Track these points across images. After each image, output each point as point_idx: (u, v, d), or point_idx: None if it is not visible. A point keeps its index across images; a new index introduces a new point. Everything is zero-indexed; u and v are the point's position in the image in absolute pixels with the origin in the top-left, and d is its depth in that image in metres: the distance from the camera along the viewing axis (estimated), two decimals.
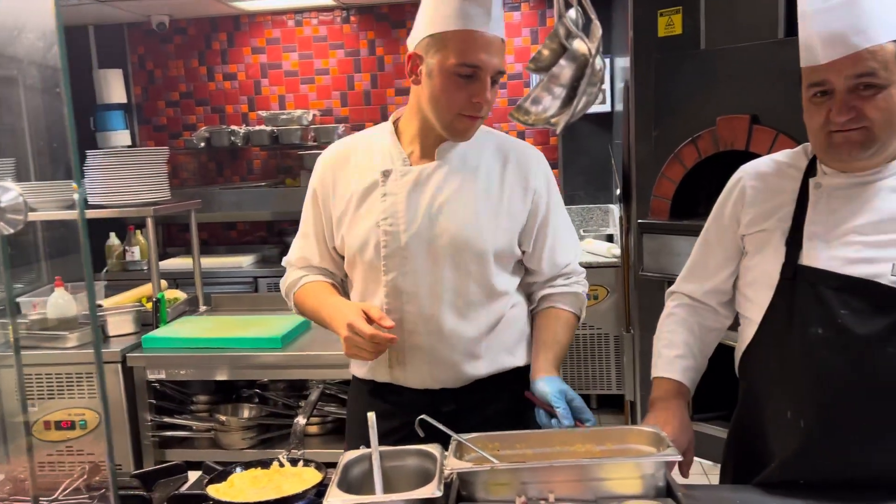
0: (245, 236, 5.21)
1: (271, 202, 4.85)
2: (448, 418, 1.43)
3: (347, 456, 1.36)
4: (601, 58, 1.26)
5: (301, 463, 1.45)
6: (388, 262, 1.58)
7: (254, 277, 4.51)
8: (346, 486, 1.27)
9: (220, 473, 1.43)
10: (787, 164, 1.49)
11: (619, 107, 4.56)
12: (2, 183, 1.14)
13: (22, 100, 2.64)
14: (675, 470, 1.44)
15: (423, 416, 1.40)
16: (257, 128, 4.82)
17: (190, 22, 5.02)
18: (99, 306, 3.06)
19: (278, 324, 2.91)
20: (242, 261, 4.60)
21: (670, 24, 3.44)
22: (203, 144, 4.85)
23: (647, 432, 1.37)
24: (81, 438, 2.77)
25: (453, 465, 1.27)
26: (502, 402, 1.64)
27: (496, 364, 1.64)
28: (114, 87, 4.83)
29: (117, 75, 4.87)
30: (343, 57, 4.96)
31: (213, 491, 1.36)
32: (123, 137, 4.88)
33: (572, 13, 1.26)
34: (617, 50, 4.45)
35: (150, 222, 3.16)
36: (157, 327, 3.01)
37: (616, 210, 4.01)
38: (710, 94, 3.26)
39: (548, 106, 1.28)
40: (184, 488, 1.56)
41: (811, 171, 1.44)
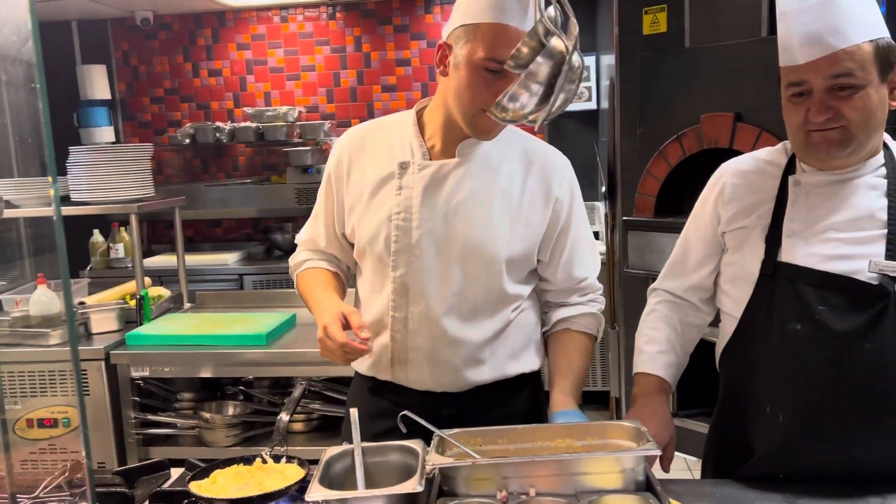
0: (230, 233, 5.18)
1: (257, 199, 4.83)
2: (448, 423, 1.41)
3: (330, 452, 1.36)
4: (579, 55, 1.26)
5: (284, 459, 1.45)
6: (397, 257, 1.53)
7: (239, 275, 4.49)
8: (328, 481, 1.27)
9: (203, 470, 1.43)
10: (767, 161, 1.50)
11: (604, 104, 4.58)
12: None
13: (3, 95, 2.61)
14: (657, 465, 1.45)
15: (405, 412, 1.41)
16: (243, 124, 4.80)
17: (174, 17, 4.99)
18: (82, 303, 3.04)
19: (263, 321, 2.90)
20: (228, 258, 4.58)
21: (655, 22, 3.46)
22: (188, 141, 4.82)
23: (627, 427, 1.38)
24: (64, 436, 2.75)
25: (435, 460, 1.28)
26: (505, 408, 1.59)
27: (500, 370, 1.59)
28: (97, 83, 4.78)
29: (101, 71, 4.82)
30: (329, 53, 4.95)
31: (196, 487, 1.36)
32: (107, 134, 4.84)
33: (551, 11, 1.26)
34: (602, 48, 4.46)
35: (133, 219, 3.14)
36: (141, 325, 3.00)
37: (601, 207, 4.03)
38: (694, 91, 3.28)
39: (525, 103, 1.28)
40: (166, 485, 1.55)
41: (791, 168, 1.46)
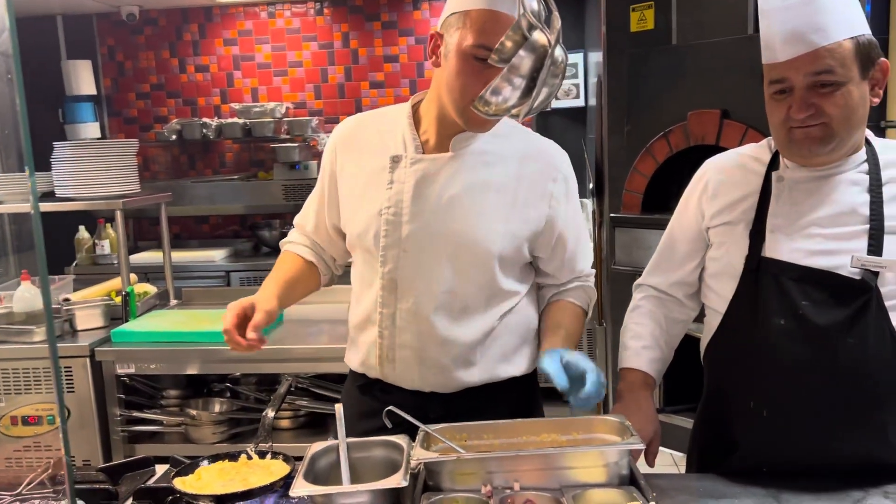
0: (217, 230, 5.16)
1: (244, 196, 4.81)
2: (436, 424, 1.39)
3: (315, 447, 1.36)
4: (562, 49, 1.27)
5: (269, 456, 1.45)
6: (385, 253, 1.50)
7: (226, 271, 4.47)
8: (312, 477, 1.27)
9: (188, 466, 1.42)
10: (750, 157, 1.51)
11: (592, 101, 4.59)
12: None
13: None
14: (642, 459, 1.46)
15: (389, 408, 1.40)
16: (230, 120, 4.77)
17: (161, 13, 4.96)
18: (67, 300, 3.02)
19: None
20: (215, 255, 4.56)
21: (642, 18, 3.47)
22: (174, 137, 4.79)
23: (612, 422, 1.38)
24: (49, 433, 2.73)
25: (420, 455, 1.28)
26: (496, 412, 1.49)
27: (491, 372, 1.55)
28: (83, 79, 4.75)
29: (86, 66, 4.79)
30: (317, 49, 4.93)
31: (180, 483, 1.35)
32: (93, 130, 4.81)
33: (535, 4, 1.26)
34: (590, 45, 4.47)
35: (119, 215, 3.12)
36: (127, 321, 2.98)
37: (589, 204, 4.03)
38: (681, 88, 3.29)
39: (508, 96, 1.27)
40: (151, 482, 1.55)
41: (774, 164, 1.46)
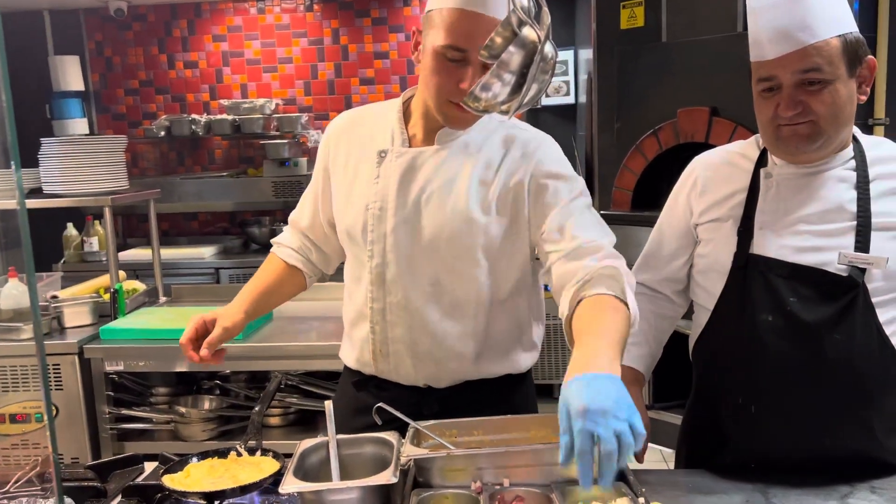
0: (207, 227, 5.14)
1: (233, 192, 4.80)
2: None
3: (304, 444, 1.36)
4: (552, 45, 1.26)
5: (259, 452, 1.45)
6: (372, 247, 1.49)
7: (215, 268, 4.46)
8: (302, 473, 1.27)
9: (177, 463, 1.42)
10: (739, 154, 1.52)
11: (582, 99, 4.60)
12: None
13: None
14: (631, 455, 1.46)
15: (380, 405, 1.41)
16: (219, 117, 4.76)
17: (149, 8, 4.93)
18: (55, 297, 3.00)
19: None
20: (204, 252, 4.55)
21: (633, 16, 3.48)
22: (163, 133, 4.77)
23: None
24: (37, 431, 2.72)
25: (410, 451, 1.28)
26: (491, 408, 1.48)
27: (485, 369, 1.53)
28: (71, 75, 4.71)
29: (74, 62, 4.75)
30: (306, 46, 4.92)
31: (169, 480, 1.35)
32: (81, 126, 4.77)
33: (525, 1, 1.26)
34: (580, 42, 4.48)
35: (107, 212, 3.11)
36: (116, 318, 2.97)
37: None
38: (671, 86, 3.30)
39: (497, 92, 1.27)
40: (140, 479, 1.54)
41: (762, 161, 1.47)
